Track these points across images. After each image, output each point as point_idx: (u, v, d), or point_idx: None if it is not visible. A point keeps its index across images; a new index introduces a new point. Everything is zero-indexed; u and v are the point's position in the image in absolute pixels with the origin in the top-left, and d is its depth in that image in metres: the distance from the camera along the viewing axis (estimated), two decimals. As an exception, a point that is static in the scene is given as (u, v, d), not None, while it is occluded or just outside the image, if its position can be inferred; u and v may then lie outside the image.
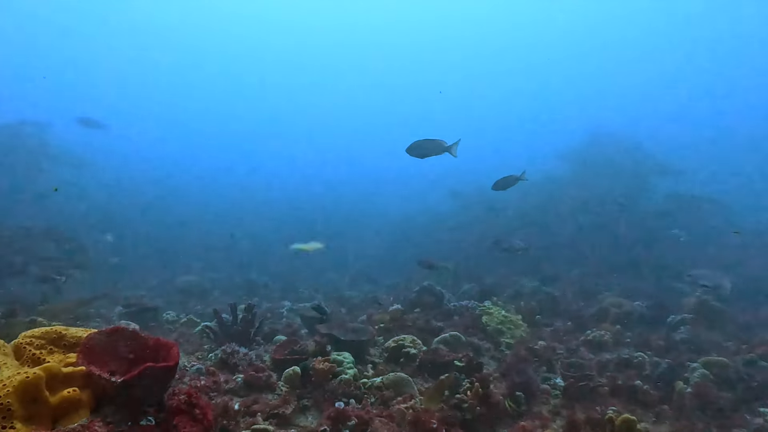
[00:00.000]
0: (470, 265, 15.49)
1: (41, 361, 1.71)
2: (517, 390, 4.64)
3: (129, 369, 1.77)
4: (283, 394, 3.50)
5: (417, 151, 4.60)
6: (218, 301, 11.55)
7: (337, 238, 24.09)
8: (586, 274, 13.88)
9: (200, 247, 21.01)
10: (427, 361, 4.66)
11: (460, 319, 6.99)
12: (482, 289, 9.27)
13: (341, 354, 4.12)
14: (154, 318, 5.66)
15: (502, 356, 5.96)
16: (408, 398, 3.68)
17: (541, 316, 8.33)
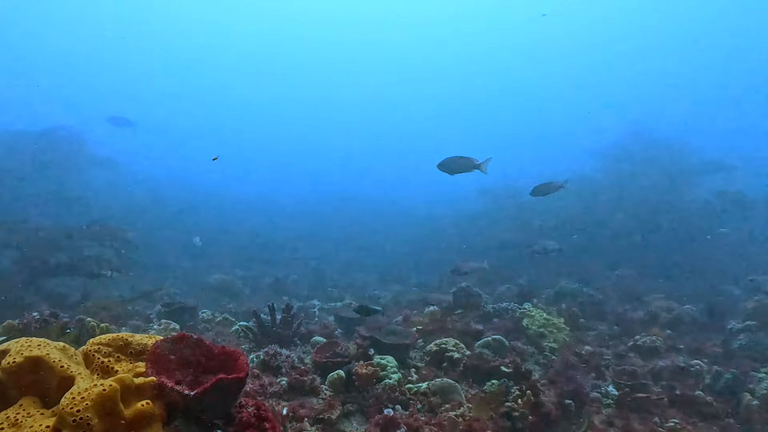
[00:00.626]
0: (502, 265, 15.18)
1: (110, 370, 1.71)
2: (566, 398, 4.45)
3: (195, 378, 1.74)
4: (328, 399, 3.45)
5: (447, 168, 4.69)
6: (249, 299, 11.71)
7: (364, 238, 24.15)
8: (627, 276, 13.35)
9: (229, 245, 21.40)
10: (471, 366, 4.52)
11: (500, 321, 6.79)
12: (521, 290, 8.97)
13: (384, 358, 4.04)
14: (192, 317, 5.75)
15: (547, 361, 5.74)
16: (456, 405, 3.56)
17: (584, 320, 8.01)
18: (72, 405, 1.30)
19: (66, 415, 1.28)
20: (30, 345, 1.53)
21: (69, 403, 1.31)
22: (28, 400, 1.46)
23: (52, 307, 5.17)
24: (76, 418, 1.27)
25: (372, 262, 20.13)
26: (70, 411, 1.28)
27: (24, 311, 3.82)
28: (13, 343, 1.57)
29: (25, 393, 1.49)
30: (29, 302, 5.47)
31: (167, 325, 4.33)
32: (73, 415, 1.28)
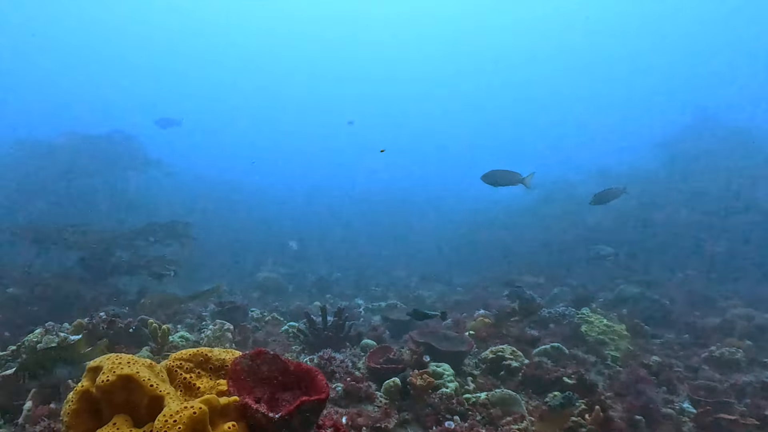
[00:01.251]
0: (552, 266, 14.69)
1: (192, 387, 1.74)
2: (635, 414, 4.20)
3: (272, 396, 1.76)
4: (384, 407, 3.43)
5: (492, 180, 4.80)
6: (294, 297, 11.98)
7: (404, 236, 24.09)
8: (693, 278, 12.52)
9: (270, 243, 21.98)
10: (530, 375, 4.36)
11: (556, 327, 6.56)
12: (576, 294, 8.60)
13: (440, 365, 3.97)
14: (243, 316, 5.94)
15: (610, 371, 5.46)
16: (519, 419, 3.44)
17: (649, 327, 7.56)
18: (165, 428, 1.34)
19: (160, 438, 1.33)
20: (120, 362, 1.58)
21: (162, 426, 1.35)
22: (120, 419, 1.51)
23: (113, 305, 5.54)
24: (169, 441, 1.31)
25: (413, 261, 20.09)
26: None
27: (91, 311, 4.06)
28: (105, 359, 1.63)
29: (117, 411, 1.54)
30: (92, 301, 5.89)
31: (222, 325, 4.48)
32: (166, 439, 1.32)
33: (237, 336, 4.89)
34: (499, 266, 16.16)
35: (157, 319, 5.34)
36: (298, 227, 25.45)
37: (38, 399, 2.95)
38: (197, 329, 5.18)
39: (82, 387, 1.59)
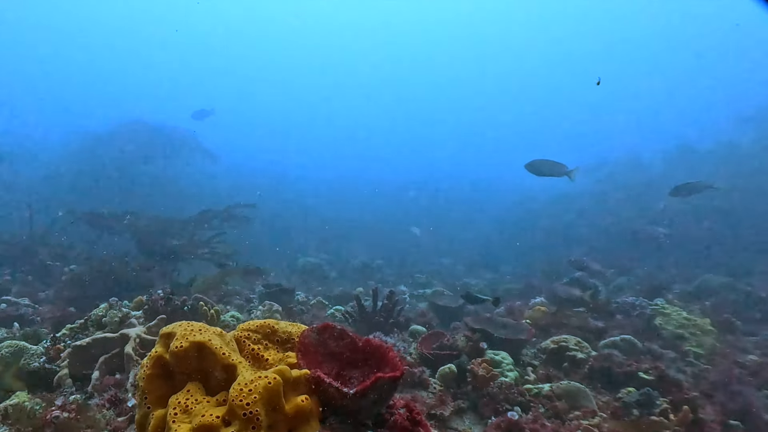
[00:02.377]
0: (612, 253, 13.94)
1: (260, 358, 1.75)
2: (730, 417, 3.87)
3: (340, 372, 1.75)
4: (438, 393, 3.36)
5: (536, 169, 4.77)
6: (336, 283, 12.11)
7: (448, 223, 23.73)
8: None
9: (312, 229, 22.35)
10: (599, 368, 4.12)
11: (624, 319, 6.17)
12: (647, 284, 8.11)
13: (498, 354, 3.83)
14: (291, 299, 6.04)
15: (693, 369, 5.08)
16: (589, 414, 3.25)
17: (741, 322, 7.00)
18: (241, 397, 1.33)
19: (236, 408, 1.33)
20: (193, 330, 1.62)
21: (238, 395, 1.35)
22: (194, 386, 1.53)
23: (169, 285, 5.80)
24: (246, 411, 1.31)
25: (457, 248, 19.79)
26: (240, 404, 1.33)
27: (150, 290, 4.27)
28: (177, 326, 1.68)
29: (190, 378, 1.57)
30: (148, 281, 6.26)
31: (270, 306, 4.56)
32: (243, 408, 1.32)
33: (285, 317, 4.96)
34: (554, 254, 15.56)
35: (209, 300, 5.57)
36: (341, 214, 25.71)
37: (105, 369, 3.13)
38: (246, 310, 5.31)
39: (156, 353, 1.64)
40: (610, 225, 16.32)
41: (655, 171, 19.48)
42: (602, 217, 17.43)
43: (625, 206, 17.26)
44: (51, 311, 5.32)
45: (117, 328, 3.41)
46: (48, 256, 7.73)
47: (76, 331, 3.53)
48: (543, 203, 22.62)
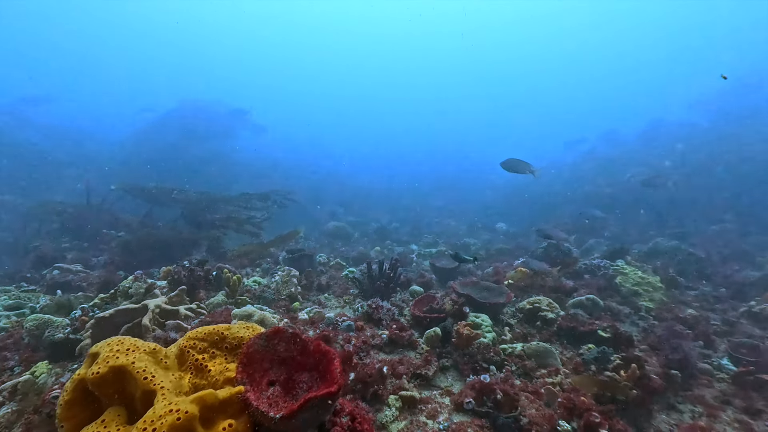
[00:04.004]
0: (587, 216, 13.27)
1: (203, 369, 1.42)
2: (671, 368, 3.57)
3: (289, 377, 1.47)
4: (425, 354, 3.13)
5: (508, 167, 4.76)
6: (358, 243, 11.95)
7: (454, 187, 23.12)
8: (729, 231, 10.68)
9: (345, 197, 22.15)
10: (566, 327, 3.83)
11: (591, 278, 5.80)
12: (611, 246, 7.62)
13: (479, 316, 3.57)
14: (310, 263, 5.88)
15: (645, 323, 4.73)
16: (553, 372, 2.99)
17: (684, 279, 6.53)
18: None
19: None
20: (119, 350, 1.30)
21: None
22: (112, 413, 1.23)
23: (209, 253, 5.63)
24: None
25: (462, 210, 19.35)
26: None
27: (185, 259, 3.98)
28: (104, 345, 1.35)
29: (113, 402, 1.27)
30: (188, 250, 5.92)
31: (288, 272, 4.36)
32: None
33: (303, 280, 4.79)
34: (542, 217, 14.98)
35: (242, 266, 5.39)
36: (365, 183, 25.39)
37: None
38: (270, 273, 5.12)
39: (78, 376, 1.29)
40: (588, 192, 15.58)
41: (624, 147, 18.37)
42: (581, 186, 16.63)
43: (600, 176, 16.43)
44: (100, 276, 4.91)
45: (142, 298, 3.10)
46: (102, 225, 7.15)
47: (106, 301, 3.22)
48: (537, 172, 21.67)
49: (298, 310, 3.84)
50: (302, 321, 3.13)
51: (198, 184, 10.57)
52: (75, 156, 15.65)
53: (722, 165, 13.53)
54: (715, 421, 3.16)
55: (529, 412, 2.44)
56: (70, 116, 23.20)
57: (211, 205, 7.15)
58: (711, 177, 13.41)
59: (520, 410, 2.39)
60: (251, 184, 16.77)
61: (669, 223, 11.82)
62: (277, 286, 4.17)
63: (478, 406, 2.49)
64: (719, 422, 3.15)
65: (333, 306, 4.60)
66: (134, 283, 3.15)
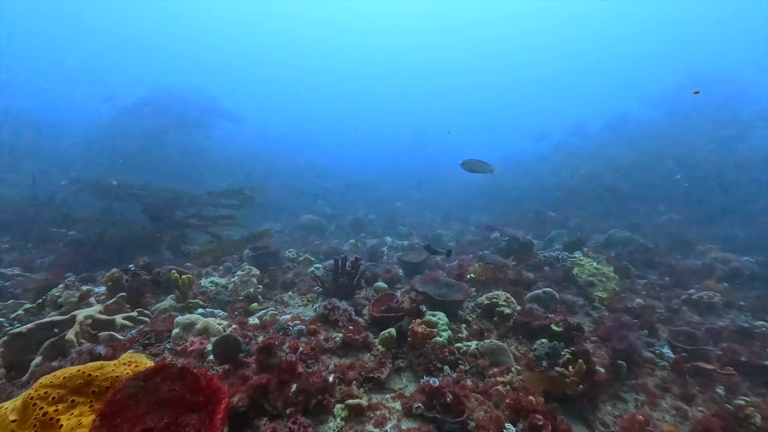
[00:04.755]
0: (553, 207, 13.56)
1: (51, 425, 1.14)
2: (618, 358, 3.61)
3: (174, 420, 1.24)
4: (379, 356, 2.99)
5: (468, 167, 4.60)
6: (333, 235, 11.71)
7: (432, 181, 23.12)
8: (675, 221, 11.16)
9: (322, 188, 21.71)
10: (521, 322, 3.80)
11: (551, 270, 5.84)
12: (571, 238, 7.72)
13: (436, 314, 3.47)
14: (275, 261, 5.58)
15: (597, 314, 4.80)
16: (505, 371, 2.93)
17: (635, 268, 6.71)
18: None
19: None
20: None
21: None
22: None
23: (172, 252, 5.22)
24: None
25: (438, 201, 19.41)
26: None
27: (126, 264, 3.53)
28: None
29: None
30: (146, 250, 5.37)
31: (249, 271, 4.10)
32: None
33: (266, 279, 4.55)
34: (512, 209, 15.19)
35: (204, 265, 5.07)
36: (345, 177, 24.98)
37: (49, 354, 2.36)
38: (231, 272, 4.82)
39: None
40: (553, 185, 15.91)
41: (589, 140, 18.85)
42: (548, 178, 16.97)
43: (564, 168, 16.82)
44: (42, 280, 4.32)
45: (75, 308, 2.75)
46: (50, 223, 6.48)
47: (32, 313, 2.86)
48: (509, 166, 22.07)
49: (256, 311, 3.62)
50: (252, 326, 2.92)
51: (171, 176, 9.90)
52: (34, 147, 14.40)
53: (672, 159, 14.08)
54: (656, 409, 3.21)
55: (477, 415, 2.36)
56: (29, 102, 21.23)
57: (176, 201, 6.64)
58: (662, 170, 13.93)
59: (467, 414, 2.30)
60: (227, 177, 16.10)
61: (626, 213, 12.23)
62: (235, 287, 3.93)
63: (428, 410, 2.39)
64: (659, 410, 3.20)
65: (296, 305, 4.41)
66: (65, 292, 2.81)
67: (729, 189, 11.91)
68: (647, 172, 14.01)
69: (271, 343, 2.24)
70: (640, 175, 13.86)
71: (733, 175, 12.29)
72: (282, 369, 2.10)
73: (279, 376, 2.09)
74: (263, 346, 2.22)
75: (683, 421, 3.06)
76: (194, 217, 6.26)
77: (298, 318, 3.16)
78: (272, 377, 2.10)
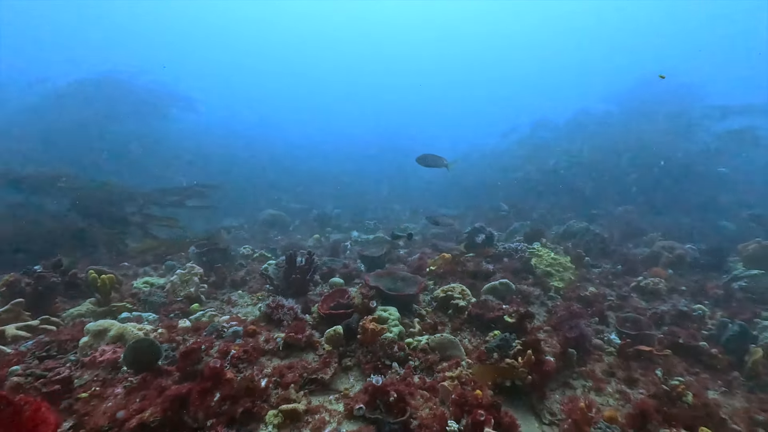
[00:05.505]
0: (520, 199, 13.96)
1: None
2: (569, 346, 3.70)
3: None
4: (324, 355, 2.87)
5: (424, 162, 4.63)
6: (298, 230, 11.42)
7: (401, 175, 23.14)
8: (630, 212, 11.82)
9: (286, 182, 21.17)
10: (475, 314, 3.81)
11: (509, 261, 5.94)
12: (532, 229, 7.92)
13: (387, 309, 3.39)
14: (224, 258, 5.17)
15: (552, 303, 4.93)
16: (454, 365, 2.90)
17: (590, 258, 7.00)
18: None
19: None
20: None
21: None
22: None
23: (108, 250, 4.80)
24: None
25: (409, 196, 19.47)
26: None
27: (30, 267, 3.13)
28: None
29: None
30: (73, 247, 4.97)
31: (190, 269, 3.79)
32: None
33: (212, 277, 4.28)
34: (478, 201, 15.47)
35: (144, 263, 4.72)
36: (315, 169, 24.49)
37: None
38: (171, 271, 4.49)
39: None
40: (519, 177, 16.36)
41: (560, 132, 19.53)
42: (513, 171, 17.43)
43: (529, 162, 17.33)
44: None
45: None
46: None
47: None
48: (475, 160, 22.47)
49: (196, 312, 3.38)
50: (182, 329, 2.70)
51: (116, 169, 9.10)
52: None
53: (629, 152, 14.87)
54: (601, 394, 3.32)
55: (421, 414, 2.30)
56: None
57: (114, 197, 6.05)
58: (619, 163, 14.69)
59: (410, 413, 2.24)
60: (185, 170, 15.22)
61: (586, 205, 12.80)
62: (173, 287, 3.65)
63: (370, 410, 2.30)
64: (604, 395, 3.31)
65: (245, 304, 4.19)
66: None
67: (678, 181, 12.74)
68: (607, 165, 14.71)
69: (194, 348, 2.05)
70: (600, 167, 14.53)
71: (681, 167, 13.15)
72: (205, 376, 1.92)
73: (201, 384, 1.92)
74: (186, 351, 2.03)
75: (625, 404, 3.18)
76: (137, 215, 5.77)
77: (236, 319, 2.96)
78: (194, 386, 1.92)
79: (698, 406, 3.09)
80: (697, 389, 3.35)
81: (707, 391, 3.52)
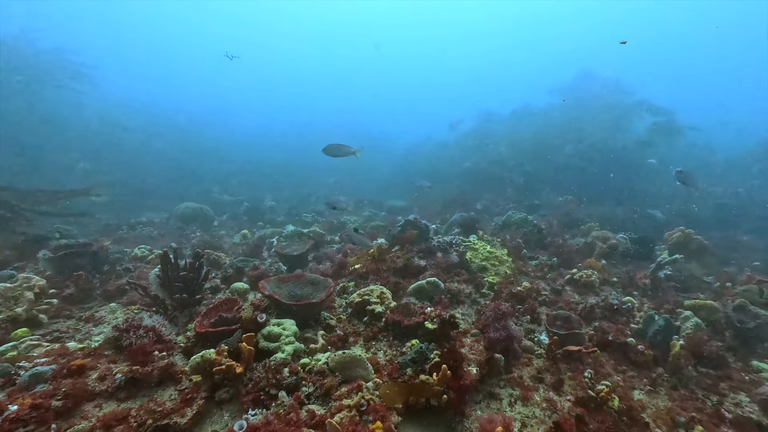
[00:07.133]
0: (466, 190, 14.00)
1: None
2: (497, 350, 3.42)
3: None
4: (187, 390, 2.25)
5: (330, 152, 4.44)
6: (224, 225, 10.38)
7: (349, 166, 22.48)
8: (569, 202, 12.32)
9: (221, 173, 19.69)
10: (393, 321, 3.37)
11: (443, 256, 5.62)
12: (470, 220, 7.73)
13: (282, 323, 2.83)
14: (93, 262, 4.15)
15: (485, 301, 4.66)
16: (355, 389, 2.42)
17: (527, 250, 6.96)
18: None
19: None
20: None
21: None
22: None
23: None
24: None
25: (357, 186, 18.95)
26: None
27: None
28: None
29: None
30: None
31: (21, 281, 2.91)
32: None
33: (70, 288, 3.41)
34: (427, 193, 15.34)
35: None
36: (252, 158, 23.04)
37: None
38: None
39: None
40: (468, 167, 16.47)
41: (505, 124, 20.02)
42: (462, 161, 17.54)
43: (478, 152, 17.57)
44: None
45: None
46: None
47: None
48: (426, 151, 22.46)
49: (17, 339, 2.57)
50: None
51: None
52: None
53: (571, 143, 15.55)
54: (528, 404, 3.06)
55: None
56: None
57: None
58: (561, 155, 15.31)
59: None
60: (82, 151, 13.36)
61: (530, 195, 13.13)
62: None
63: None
64: (531, 404, 3.05)
65: (111, 321, 3.39)
66: None
67: (612, 171, 13.50)
68: (550, 155, 15.26)
69: None
70: (543, 158, 15.04)
71: (617, 158, 13.98)
72: None
73: None
74: None
75: (552, 414, 2.95)
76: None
77: (59, 351, 2.22)
78: None
79: (623, 410, 2.96)
80: (623, 391, 3.24)
81: (633, 391, 3.45)
